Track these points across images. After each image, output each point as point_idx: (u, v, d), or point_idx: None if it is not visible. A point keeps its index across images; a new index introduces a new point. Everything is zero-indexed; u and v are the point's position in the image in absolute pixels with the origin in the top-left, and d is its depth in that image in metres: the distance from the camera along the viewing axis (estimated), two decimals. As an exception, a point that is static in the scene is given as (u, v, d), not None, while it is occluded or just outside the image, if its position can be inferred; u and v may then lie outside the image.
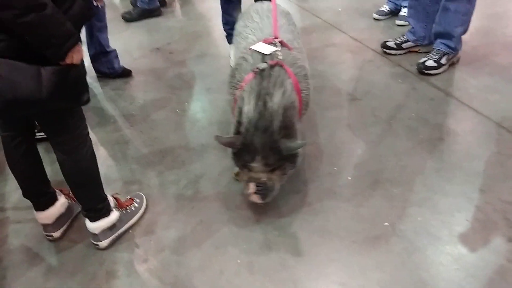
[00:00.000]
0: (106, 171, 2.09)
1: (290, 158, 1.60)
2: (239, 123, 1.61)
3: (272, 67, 1.66)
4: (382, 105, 2.34)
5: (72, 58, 1.27)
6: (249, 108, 1.59)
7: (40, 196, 1.68)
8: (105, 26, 2.72)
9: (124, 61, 2.94)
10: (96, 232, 1.67)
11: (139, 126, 2.40)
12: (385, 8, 3.22)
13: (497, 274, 1.48)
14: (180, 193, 1.94)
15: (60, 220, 1.75)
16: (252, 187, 1.60)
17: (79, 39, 1.30)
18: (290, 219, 1.76)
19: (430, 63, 2.51)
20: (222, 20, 2.82)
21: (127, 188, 1.99)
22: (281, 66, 1.67)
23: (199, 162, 2.10)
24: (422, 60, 2.54)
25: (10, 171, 1.66)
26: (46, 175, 1.69)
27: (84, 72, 1.38)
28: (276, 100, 1.58)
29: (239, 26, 2.09)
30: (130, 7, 3.78)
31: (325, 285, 1.50)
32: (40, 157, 1.67)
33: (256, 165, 1.56)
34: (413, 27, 2.69)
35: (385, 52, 2.79)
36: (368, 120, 2.25)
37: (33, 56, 1.23)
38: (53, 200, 1.72)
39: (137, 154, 2.20)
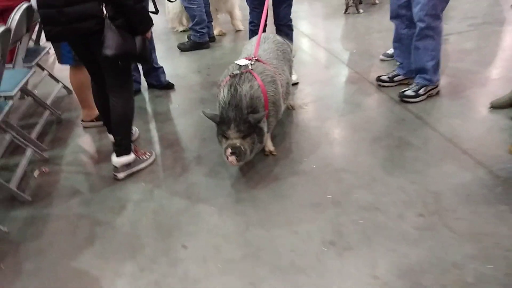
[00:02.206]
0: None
1: (257, 131, 2.19)
2: (219, 106, 2.26)
3: (243, 73, 2.29)
4: (360, 121, 2.86)
5: (149, 34, 2.27)
6: (223, 94, 2.23)
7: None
8: (153, 48, 3.51)
9: (172, 78, 3.72)
10: (118, 165, 2.41)
11: (167, 122, 3.12)
12: (391, 51, 3.76)
13: (399, 235, 1.91)
14: (187, 164, 2.58)
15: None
16: (228, 152, 2.15)
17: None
18: (260, 187, 2.31)
19: (409, 92, 3.00)
20: None
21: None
22: (250, 73, 2.30)
23: (206, 148, 2.74)
24: (403, 90, 3.03)
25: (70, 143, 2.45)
26: None
27: (148, 45, 2.30)
28: (244, 89, 2.20)
29: (243, 47, 2.78)
30: (185, 40, 4.66)
31: (268, 227, 2.02)
32: None
33: (231, 131, 2.15)
34: (401, 63, 3.21)
35: (379, 85, 3.31)
36: (344, 131, 2.78)
37: (131, 31, 2.11)
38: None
39: (159, 136, 2.90)
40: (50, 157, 2.77)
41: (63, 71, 3.96)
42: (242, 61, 2.41)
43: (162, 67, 3.61)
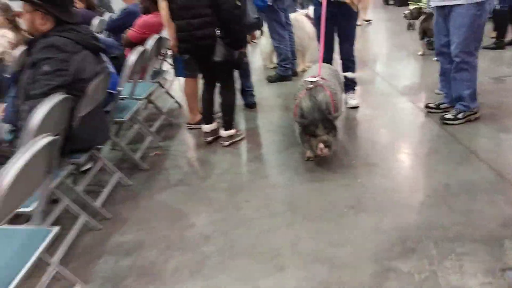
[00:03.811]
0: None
1: (334, 128, 2.91)
2: (301, 113, 2.95)
3: (315, 86, 3.08)
4: (402, 135, 3.50)
5: (244, 49, 3.31)
6: (306, 103, 2.96)
7: (209, 118, 3.59)
8: (248, 75, 4.48)
9: (258, 100, 4.65)
10: (224, 136, 3.52)
11: (249, 127, 4.02)
12: (445, 86, 4.31)
13: (406, 207, 2.50)
14: (259, 153, 3.42)
15: (213, 132, 3.58)
16: (321, 145, 2.85)
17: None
18: (309, 174, 3.05)
19: (449, 116, 3.54)
20: None
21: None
22: (321, 86, 3.08)
23: (274, 146, 3.56)
24: (444, 114, 3.59)
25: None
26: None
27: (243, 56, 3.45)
28: (320, 97, 2.94)
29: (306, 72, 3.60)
30: (273, 73, 5.64)
31: (307, 196, 2.74)
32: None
33: (319, 129, 2.85)
34: (446, 93, 3.77)
35: (428, 112, 3.88)
36: (387, 140, 3.44)
37: (232, 46, 3.17)
38: (213, 121, 3.59)
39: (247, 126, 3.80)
40: (162, 145, 3.80)
41: (176, 92, 5.14)
42: (312, 78, 3.20)
43: (251, 89, 4.56)
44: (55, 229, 1.85)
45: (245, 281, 2.07)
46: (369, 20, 9.20)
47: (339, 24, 3.89)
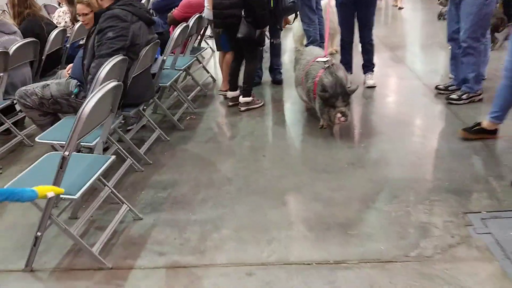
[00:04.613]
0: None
1: (349, 102, 3.35)
2: (323, 88, 3.36)
3: (332, 65, 3.53)
4: (409, 110, 3.90)
5: (265, 29, 3.84)
6: (328, 79, 3.39)
7: (234, 85, 4.14)
8: (279, 54, 4.95)
9: (285, 77, 5.14)
10: (242, 102, 4.05)
11: (274, 98, 4.52)
12: (459, 70, 4.63)
13: (397, 165, 2.95)
14: (279, 119, 3.92)
15: (234, 98, 4.13)
16: (339, 115, 3.27)
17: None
18: (321, 140, 3.53)
19: (454, 96, 3.91)
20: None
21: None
22: (334, 64, 3.53)
23: (293, 113, 4.05)
24: (449, 94, 3.96)
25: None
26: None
27: (264, 36, 3.92)
28: (340, 74, 3.40)
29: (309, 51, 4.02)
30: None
31: (315, 153, 3.23)
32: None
33: (339, 101, 3.27)
34: (455, 76, 4.12)
35: (438, 92, 4.25)
36: (392, 115, 3.85)
37: (254, 25, 3.67)
38: (236, 89, 4.12)
39: (269, 100, 4.31)
40: (197, 111, 4.36)
41: (211, 68, 5.69)
42: (324, 58, 3.65)
43: (280, 68, 5.05)
44: (112, 157, 2.43)
45: (255, 211, 2.60)
46: (401, 8, 9.51)
47: (359, 10, 4.31)
